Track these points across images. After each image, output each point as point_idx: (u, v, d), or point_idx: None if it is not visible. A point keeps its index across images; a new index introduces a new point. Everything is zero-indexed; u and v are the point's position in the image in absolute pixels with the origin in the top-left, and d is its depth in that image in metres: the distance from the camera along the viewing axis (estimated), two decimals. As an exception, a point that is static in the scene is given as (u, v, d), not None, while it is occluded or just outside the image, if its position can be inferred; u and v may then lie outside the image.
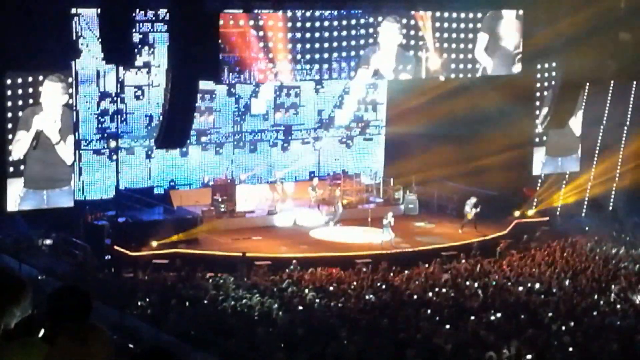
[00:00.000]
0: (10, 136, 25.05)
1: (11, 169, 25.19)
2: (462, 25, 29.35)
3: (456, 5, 29.07)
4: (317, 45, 28.12)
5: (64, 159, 25.90)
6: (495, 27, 29.52)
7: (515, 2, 29.54)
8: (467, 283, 23.74)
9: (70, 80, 26.06)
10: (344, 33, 28.38)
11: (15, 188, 25.28)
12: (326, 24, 28.14)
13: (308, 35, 27.92)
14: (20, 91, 25.01)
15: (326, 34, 28.15)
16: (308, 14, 27.98)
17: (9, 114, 25.00)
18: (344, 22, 28.39)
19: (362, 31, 28.48)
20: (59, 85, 25.43)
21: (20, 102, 25.04)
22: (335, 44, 28.25)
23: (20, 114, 25.07)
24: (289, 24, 27.77)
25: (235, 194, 30.04)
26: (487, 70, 29.51)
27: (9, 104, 24.94)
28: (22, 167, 25.29)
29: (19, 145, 25.17)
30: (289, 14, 27.78)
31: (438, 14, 28.99)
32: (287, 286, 23.08)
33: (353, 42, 28.50)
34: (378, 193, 32.34)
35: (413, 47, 29.00)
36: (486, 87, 30.05)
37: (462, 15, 29.26)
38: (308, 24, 27.88)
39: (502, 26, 29.49)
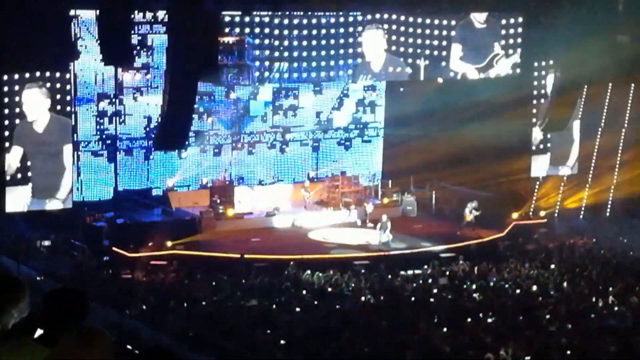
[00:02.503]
0: (7, 144, 25.13)
1: (8, 177, 25.24)
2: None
3: (453, 9, 29.17)
4: (314, 49, 28.30)
5: (60, 166, 25.82)
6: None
7: (514, 5, 29.59)
8: (465, 285, 23.75)
9: (58, 85, 25.91)
10: (342, 40, 28.59)
11: (16, 195, 25.33)
12: (323, 31, 28.37)
13: (305, 38, 28.06)
14: (6, 100, 25.04)
15: (323, 41, 28.34)
16: (305, 20, 28.10)
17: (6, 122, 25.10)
18: (341, 29, 28.60)
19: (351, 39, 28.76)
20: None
21: (6, 111, 25.09)
22: (332, 50, 28.46)
23: (6, 122, 25.14)
24: (288, 27, 27.91)
25: (234, 196, 30.08)
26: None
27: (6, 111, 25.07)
28: (19, 176, 25.33)
29: (13, 155, 25.25)
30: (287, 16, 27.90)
31: (428, 20, 29.18)
32: (286, 288, 23.09)
33: (350, 48, 28.79)
34: (376, 195, 32.35)
35: (402, 53, 29.19)
36: (485, 90, 30.08)
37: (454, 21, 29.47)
38: (305, 30, 28.04)
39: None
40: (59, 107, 25.93)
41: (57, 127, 25.91)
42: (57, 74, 25.82)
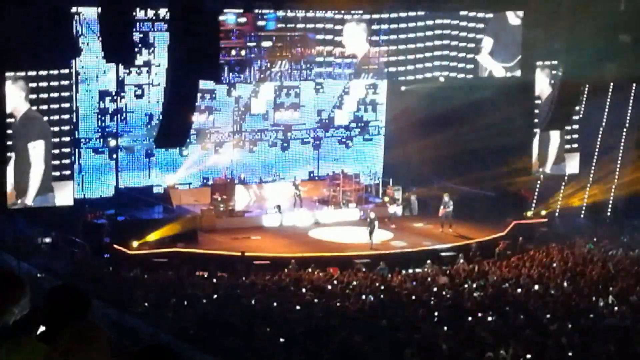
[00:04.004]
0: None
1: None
2: (465, 27, 29.55)
3: (457, 7, 29.13)
4: (316, 46, 28.35)
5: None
6: (499, 31, 29.65)
7: (516, 3, 29.57)
8: (466, 285, 23.73)
9: (59, 83, 25.79)
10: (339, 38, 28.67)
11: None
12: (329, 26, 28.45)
13: (306, 36, 28.11)
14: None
15: (326, 37, 28.40)
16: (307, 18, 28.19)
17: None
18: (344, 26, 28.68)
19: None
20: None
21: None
22: (334, 48, 28.56)
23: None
24: (289, 24, 27.95)
25: (235, 194, 30.08)
26: (493, 73, 29.65)
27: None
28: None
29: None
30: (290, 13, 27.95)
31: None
32: (286, 286, 23.07)
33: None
34: (377, 193, 32.35)
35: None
36: (486, 89, 30.06)
37: (464, 17, 29.42)
38: (309, 25, 28.07)
39: (506, 30, 29.63)
40: (55, 104, 25.83)
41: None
42: (59, 72, 25.79)
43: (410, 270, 25.40)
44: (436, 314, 20.55)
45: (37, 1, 24.71)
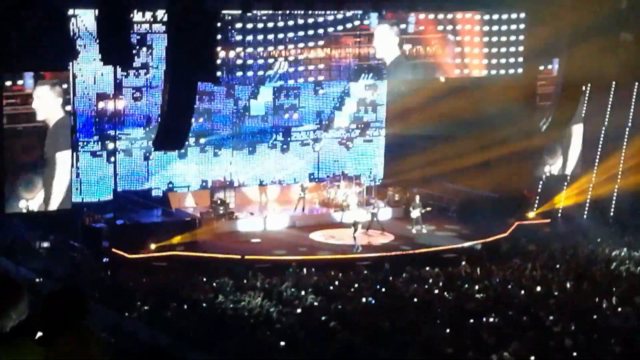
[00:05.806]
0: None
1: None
2: (468, 27, 29.53)
3: (458, 7, 29.08)
4: (319, 47, 28.32)
5: (55, 177, 25.63)
6: (498, 29, 29.63)
7: (518, 2, 29.49)
8: (467, 285, 23.61)
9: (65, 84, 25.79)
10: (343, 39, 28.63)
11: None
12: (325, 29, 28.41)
13: (306, 37, 28.05)
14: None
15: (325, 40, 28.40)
16: (306, 19, 28.12)
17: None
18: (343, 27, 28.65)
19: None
20: (47, 88, 25.10)
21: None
22: (336, 45, 28.50)
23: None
24: (288, 25, 27.88)
25: (234, 196, 29.97)
26: (491, 72, 29.66)
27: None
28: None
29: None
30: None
31: (449, 16, 29.23)
32: (287, 288, 22.95)
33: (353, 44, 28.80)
34: (378, 195, 32.22)
35: (412, 48, 29.16)
36: (487, 88, 29.97)
37: (468, 16, 29.41)
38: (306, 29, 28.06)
39: (505, 28, 29.64)
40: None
41: (57, 131, 25.66)
42: (56, 74, 25.70)
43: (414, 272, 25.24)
44: (438, 316, 20.43)
45: (35, 3, 24.60)
